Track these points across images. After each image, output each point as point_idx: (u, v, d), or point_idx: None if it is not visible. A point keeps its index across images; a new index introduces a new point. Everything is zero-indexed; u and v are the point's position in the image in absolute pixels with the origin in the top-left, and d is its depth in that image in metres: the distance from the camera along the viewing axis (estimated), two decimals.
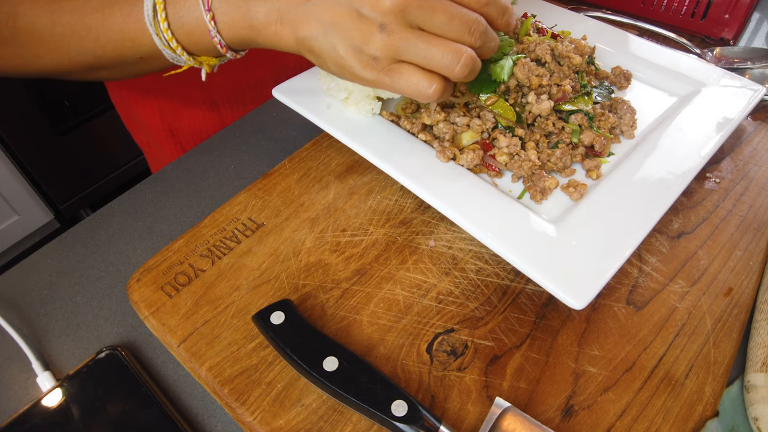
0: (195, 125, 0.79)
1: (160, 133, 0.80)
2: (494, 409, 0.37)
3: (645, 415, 0.39)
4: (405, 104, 0.56)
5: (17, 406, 0.43)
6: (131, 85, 0.76)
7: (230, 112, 0.79)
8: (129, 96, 0.78)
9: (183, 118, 0.78)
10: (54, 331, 0.47)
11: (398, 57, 0.41)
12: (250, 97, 0.78)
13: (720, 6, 0.74)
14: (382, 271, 0.47)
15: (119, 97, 0.81)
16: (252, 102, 0.79)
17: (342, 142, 0.52)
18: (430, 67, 0.41)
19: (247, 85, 0.77)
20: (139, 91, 0.76)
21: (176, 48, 0.48)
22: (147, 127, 0.80)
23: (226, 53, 0.49)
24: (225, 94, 0.77)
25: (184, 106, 0.77)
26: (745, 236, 0.51)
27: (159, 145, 0.82)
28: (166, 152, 0.83)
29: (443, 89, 0.42)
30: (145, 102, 0.77)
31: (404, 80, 0.42)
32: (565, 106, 0.53)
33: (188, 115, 0.78)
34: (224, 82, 0.75)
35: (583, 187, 0.49)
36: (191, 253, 0.49)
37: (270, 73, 0.77)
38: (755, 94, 0.57)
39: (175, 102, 0.76)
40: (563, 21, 0.68)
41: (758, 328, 0.43)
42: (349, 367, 0.38)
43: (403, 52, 0.41)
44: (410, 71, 0.42)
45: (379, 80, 0.42)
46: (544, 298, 0.46)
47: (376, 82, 0.43)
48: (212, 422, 0.42)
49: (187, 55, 0.50)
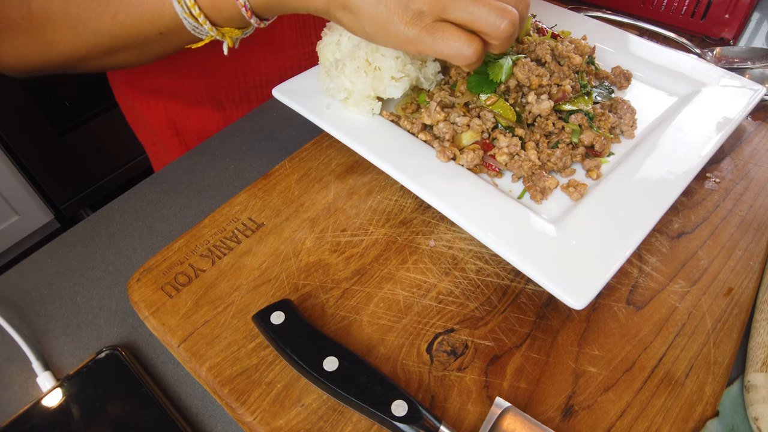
0: (200, 125, 0.79)
1: (166, 132, 0.80)
2: (494, 409, 0.37)
3: (645, 415, 0.39)
4: (405, 104, 0.56)
5: (17, 406, 0.43)
6: (137, 84, 0.76)
7: (235, 111, 0.79)
8: (135, 95, 0.77)
9: (188, 118, 0.78)
10: (54, 331, 0.47)
11: (444, 14, 0.41)
12: (255, 96, 0.78)
13: (720, 6, 0.74)
14: (382, 271, 0.47)
15: (124, 96, 0.81)
16: (257, 101, 0.79)
17: (342, 142, 0.52)
18: (474, 24, 0.41)
19: (252, 84, 0.76)
20: (146, 90, 0.76)
21: (198, 16, 0.46)
22: (152, 125, 0.80)
23: (251, 19, 0.47)
24: (230, 93, 0.77)
25: (189, 106, 0.77)
26: (745, 236, 0.51)
27: (164, 143, 0.82)
28: (171, 151, 0.83)
29: (482, 52, 0.42)
30: (151, 101, 0.77)
31: (445, 40, 0.41)
32: (565, 106, 0.53)
33: (194, 114, 0.78)
34: (230, 82, 0.75)
35: (583, 187, 0.49)
36: (191, 253, 0.49)
37: (274, 73, 0.77)
38: (755, 94, 0.57)
39: (181, 102, 0.76)
40: (563, 21, 0.68)
41: (758, 328, 0.43)
42: (349, 367, 0.38)
43: (450, 8, 0.41)
44: (452, 30, 0.41)
45: (419, 38, 0.42)
46: (544, 298, 0.46)
47: (416, 41, 0.42)
48: (212, 422, 0.42)
49: (210, 25, 0.48)
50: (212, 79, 0.74)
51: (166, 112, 0.78)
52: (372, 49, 0.52)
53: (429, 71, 0.54)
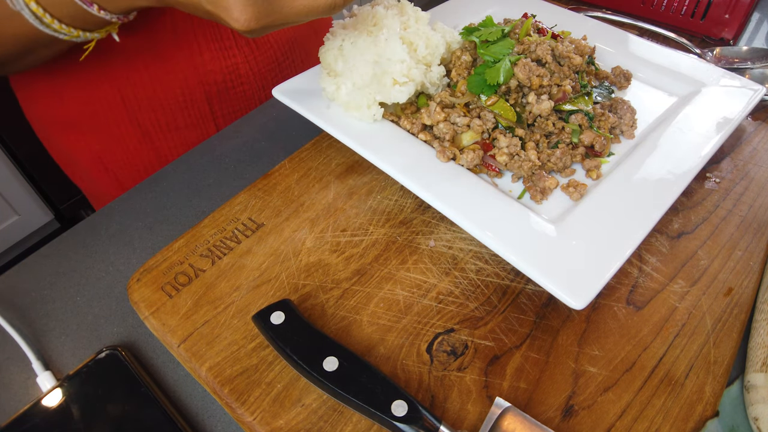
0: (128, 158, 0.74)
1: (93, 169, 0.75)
2: (494, 409, 0.37)
3: (645, 415, 0.39)
4: (405, 105, 0.56)
5: (17, 406, 0.43)
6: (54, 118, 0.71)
7: (165, 142, 0.73)
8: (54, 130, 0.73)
9: (114, 152, 0.73)
10: (54, 331, 0.47)
11: None
12: (183, 121, 0.72)
13: (720, 6, 0.74)
14: (382, 271, 0.47)
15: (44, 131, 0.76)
16: (186, 127, 0.73)
17: (342, 142, 0.52)
18: None
19: (175, 104, 0.71)
20: (64, 124, 0.71)
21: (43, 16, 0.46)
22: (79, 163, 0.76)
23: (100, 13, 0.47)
24: (153, 117, 0.71)
25: (113, 139, 0.72)
26: (745, 236, 0.51)
27: (95, 181, 0.78)
28: (104, 189, 0.78)
29: None
30: (71, 136, 0.72)
31: None
32: (565, 106, 0.53)
33: (119, 148, 0.73)
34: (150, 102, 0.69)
35: (583, 187, 0.49)
36: (191, 253, 0.49)
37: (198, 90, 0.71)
38: (755, 94, 0.57)
39: (101, 134, 0.71)
40: (563, 21, 0.68)
41: (758, 328, 0.43)
42: (349, 367, 0.38)
43: None
44: None
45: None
46: (544, 298, 0.46)
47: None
48: (212, 422, 0.42)
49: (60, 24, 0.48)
50: (131, 100, 0.69)
51: (89, 147, 0.73)
52: (377, 53, 0.51)
53: (434, 76, 0.54)
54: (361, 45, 0.52)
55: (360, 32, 0.53)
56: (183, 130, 0.73)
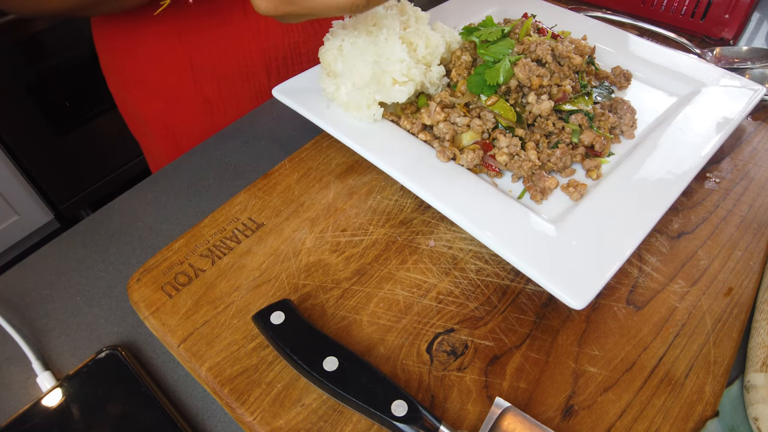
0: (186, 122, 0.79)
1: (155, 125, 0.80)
2: (494, 409, 0.37)
3: (645, 415, 0.39)
4: (404, 104, 0.56)
5: (17, 406, 0.43)
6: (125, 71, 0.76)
7: (222, 113, 0.78)
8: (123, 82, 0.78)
9: (175, 114, 0.78)
10: (54, 331, 0.47)
11: None
12: (243, 93, 0.78)
13: (720, 6, 0.74)
14: (382, 271, 0.47)
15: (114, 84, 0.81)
16: (244, 99, 0.78)
17: (342, 142, 0.52)
18: None
19: (237, 74, 0.75)
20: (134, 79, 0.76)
21: None
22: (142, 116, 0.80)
23: None
24: (217, 88, 0.76)
25: (176, 102, 0.77)
26: (745, 236, 0.51)
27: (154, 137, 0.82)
28: (161, 146, 0.83)
29: None
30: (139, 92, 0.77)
31: None
32: (565, 106, 0.53)
33: (180, 111, 0.78)
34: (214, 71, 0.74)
35: (583, 187, 0.49)
36: (191, 253, 0.49)
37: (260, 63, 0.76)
38: (755, 94, 0.57)
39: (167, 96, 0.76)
40: (563, 21, 0.68)
41: (758, 328, 0.43)
42: (349, 367, 0.38)
43: None
44: None
45: None
46: (544, 298, 0.46)
47: None
48: (212, 422, 0.42)
49: None
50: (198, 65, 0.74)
51: (154, 106, 0.78)
52: (376, 53, 0.52)
53: (434, 75, 0.54)
54: (361, 45, 0.52)
55: (360, 32, 0.53)
56: (241, 101, 0.78)
